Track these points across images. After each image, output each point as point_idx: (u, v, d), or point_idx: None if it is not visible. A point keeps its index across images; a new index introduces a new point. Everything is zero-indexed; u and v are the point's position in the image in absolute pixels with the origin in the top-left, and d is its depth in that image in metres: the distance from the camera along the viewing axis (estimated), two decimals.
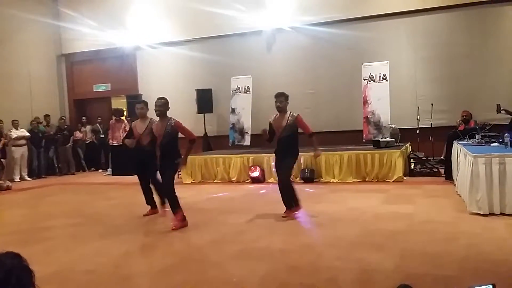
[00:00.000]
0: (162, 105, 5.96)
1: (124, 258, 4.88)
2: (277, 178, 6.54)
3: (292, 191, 6.21)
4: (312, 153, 9.65)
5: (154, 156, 6.48)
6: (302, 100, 12.19)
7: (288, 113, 6.21)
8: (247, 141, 12.07)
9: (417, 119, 10.39)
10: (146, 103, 6.97)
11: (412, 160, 9.84)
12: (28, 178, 12.78)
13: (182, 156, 6.04)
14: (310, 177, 9.53)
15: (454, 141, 8.30)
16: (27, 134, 12.78)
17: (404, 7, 11.21)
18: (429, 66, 11.17)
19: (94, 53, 14.49)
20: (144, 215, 6.86)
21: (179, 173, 11.07)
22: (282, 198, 6.22)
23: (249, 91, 12.34)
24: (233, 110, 12.39)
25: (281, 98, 6.17)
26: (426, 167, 9.72)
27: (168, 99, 6.09)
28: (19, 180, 12.48)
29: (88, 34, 13.96)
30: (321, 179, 9.58)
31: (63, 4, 14.84)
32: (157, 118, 6.13)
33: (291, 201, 6.22)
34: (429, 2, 11.05)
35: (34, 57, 14.29)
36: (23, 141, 12.65)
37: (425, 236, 5.03)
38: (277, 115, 6.31)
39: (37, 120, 13.43)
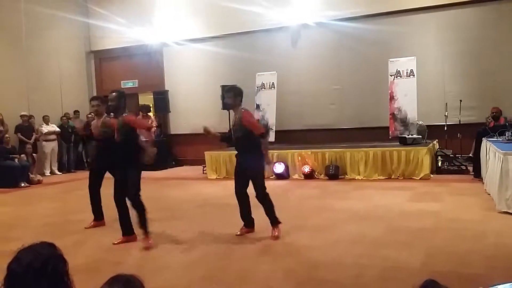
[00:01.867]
0: (114, 99, 5.31)
1: (150, 251, 4.98)
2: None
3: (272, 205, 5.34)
4: (336, 150, 9.74)
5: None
6: (328, 96, 12.16)
7: (239, 108, 5.41)
8: (271, 137, 12.07)
9: (445, 115, 10.21)
10: (102, 100, 6.20)
11: (439, 157, 9.67)
12: (58, 172, 13.09)
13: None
14: (335, 173, 9.48)
15: (483, 138, 8.13)
16: (57, 129, 13.09)
17: (432, 2, 10.99)
18: (458, 62, 10.94)
19: (122, 49, 14.72)
20: (86, 228, 6.23)
21: (204, 169, 11.20)
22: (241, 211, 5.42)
23: (274, 87, 12.33)
24: (257, 106, 12.41)
25: (229, 94, 5.45)
26: (454, 164, 9.54)
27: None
28: (49, 174, 12.79)
29: (116, 31, 14.16)
30: (346, 176, 9.52)
31: (92, 2, 15.11)
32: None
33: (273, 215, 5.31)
34: None
35: (64, 54, 14.61)
36: (53, 136, 12.97)
37: (452, 234, 4.97)
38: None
39: (67, 115, 13.75)
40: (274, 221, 5.28)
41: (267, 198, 5.28)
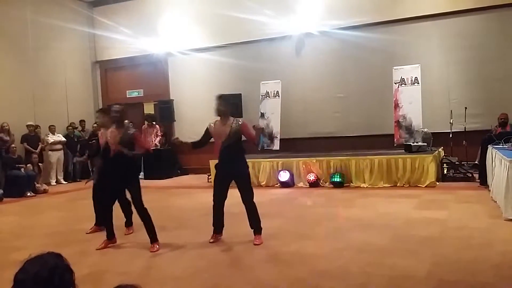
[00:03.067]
0: (119, 111, 5.50)
1: (157, 260, 4.99)
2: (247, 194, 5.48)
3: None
4: (341, 157, 9.71)
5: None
6: (332, 104, 12.17)
7: (231, 119, 5.57)
8: (276, 145, 12.09)
9: (450, 123, 10.18)
10: (105, 111, 6.43)
11: (445, 165, 9.63)
12: (64, 182, 13.13)
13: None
14: (340, 181, 9.46)
15: (488, 146, 8.10)
16: (63, 139, 13.16)
17: (435, 10, 11.02)
18: (462, 69, 10.93)
19: (127, 59, 14.82)
20: (87, 233, 6.38)
21: (209, 178, 11.20)
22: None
23: (278, 96, 12.37)
24: (262, 115, 12.43)
25: (220, 101, 5.59)
26: (459, 172, 9.50)
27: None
28: (55, 184, 12.84)
29: (122, 42, 14.30)
30: (351, 184, 9.49)
31: (98, 13, 15.26)
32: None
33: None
34: (461, 4, 10.82)
35: (70, 64, 14.72)
36: (59, 146, 13.03)
37: (458, 242, 4.93)
38: (216, 120, 5.65)
39: (72, 125, 13.82)
40: (259, 229, 5.45)
41: (254, 204, 5.44)
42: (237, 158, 5.48)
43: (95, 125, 14.32)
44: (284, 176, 9.97)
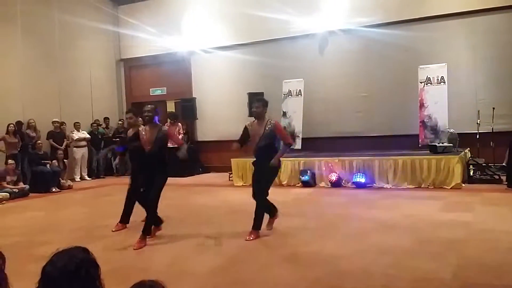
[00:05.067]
0: (151, 111, 5.71)
1: (177, 257, 5.01)
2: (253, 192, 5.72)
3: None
4: (364, 157, 9.60)
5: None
6: (355, 103, 12.04)
7: (267, 119, 5.64)
8: (298, 144, 12.02)
9: (477, 123, 9.96)
10: (135, 112, 6.68)
11: (471, 166, 9.43)
12: (88, 178, 13.35)
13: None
14: (362, 182, 9.35)
15: None
16: (88, 136, 13.37)
17: (463, 8, 10.79)
18: (490, 68, 10.67)
19: (151, 58, 14.97)
20: (113, 231, 6.44)
21: (231, 176, 11.23)
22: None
23: (301, 95, 12.30)
24: (284, 114, 12.39)
25: (257, 104, 5.70)
26: (486, 174, 9.28)
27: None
28: (79, 180, 13.06)
29: (146, 40, 14.44)
30: (374, 184, 9.37)
31: (122, 12, 15.46)
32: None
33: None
34: (489, 1, 10.56)
35: (95, 63, 14.95)
36: (84, 143, 13.25)
37: (484, 245, 4.82)
38: (254, 121, 5.80)
39: (97, 122, 14.04)
40: (257, 226, 5.58)
41: (263, 202, 5.58)
42: (269, 157, 5.52)
43: (119, 122, 14.57)
44: (305, 175, 9.87)
